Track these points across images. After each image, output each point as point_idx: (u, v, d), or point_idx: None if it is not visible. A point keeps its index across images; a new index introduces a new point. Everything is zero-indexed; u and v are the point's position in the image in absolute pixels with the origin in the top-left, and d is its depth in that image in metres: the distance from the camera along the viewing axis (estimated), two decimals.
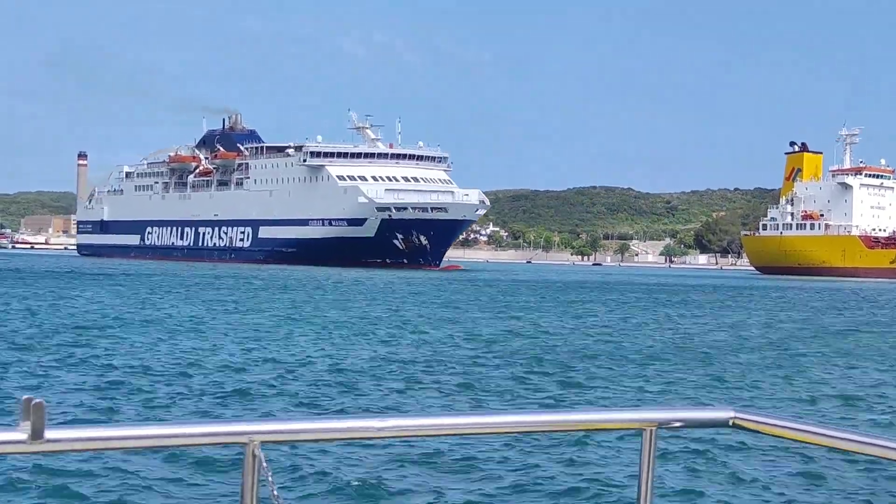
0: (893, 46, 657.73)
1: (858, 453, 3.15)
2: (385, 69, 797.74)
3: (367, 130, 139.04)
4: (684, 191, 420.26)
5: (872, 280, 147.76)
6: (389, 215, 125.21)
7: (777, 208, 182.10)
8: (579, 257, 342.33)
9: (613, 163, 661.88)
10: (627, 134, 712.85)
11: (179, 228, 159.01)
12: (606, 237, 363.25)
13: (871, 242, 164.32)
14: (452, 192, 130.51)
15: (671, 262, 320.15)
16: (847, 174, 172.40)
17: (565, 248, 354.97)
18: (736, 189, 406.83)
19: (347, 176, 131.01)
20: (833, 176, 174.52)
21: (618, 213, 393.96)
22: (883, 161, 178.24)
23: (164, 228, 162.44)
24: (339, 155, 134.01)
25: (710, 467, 14.39)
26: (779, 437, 3.27)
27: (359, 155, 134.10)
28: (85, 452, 8.29)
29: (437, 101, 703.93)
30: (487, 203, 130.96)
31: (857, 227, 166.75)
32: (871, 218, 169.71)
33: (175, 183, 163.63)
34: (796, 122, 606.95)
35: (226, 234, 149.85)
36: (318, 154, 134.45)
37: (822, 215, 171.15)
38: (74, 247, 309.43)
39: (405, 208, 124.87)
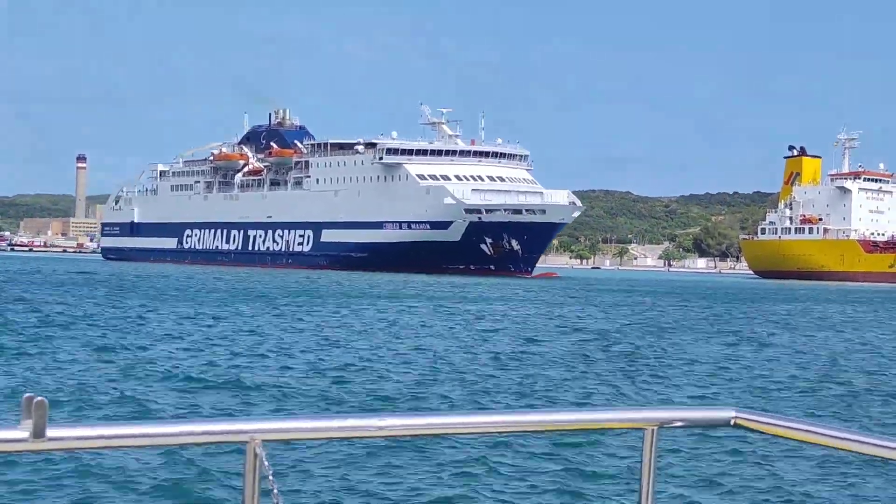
0: (893, 50, 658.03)
1: (860, 453, 3.15)
2: (385, 70, 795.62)
3: (444, 126, 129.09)
4: (683, 194, 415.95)
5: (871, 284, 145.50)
6: (479, 218, 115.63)
7: (776, 212, 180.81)
8: (578, 261, 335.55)
9: (612, 166, 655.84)
10: (626, 137, 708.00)
11: (225, 231, 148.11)
12: (605, 241, 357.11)
13: (870, 247, 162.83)
14: (541, 193, 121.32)
15: (670, 265, 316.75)
16: (846, 178, 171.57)
17: (564, 251, 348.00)
18: (735, 193, 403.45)
19: (429, 175, 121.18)
20: (832, 180, 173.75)
21: (617, 216, 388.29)
22: (882, 165, 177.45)
23: (207, 231, 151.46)
24: (418, 152, 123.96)
25: (712, 467, 14.34)
26: (780, 437, 3.29)
27: (439, 152, 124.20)
28: (86, 451, 7.90)
29: (437, 101, 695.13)
30: (579, 204, 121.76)
31: (855, 231, 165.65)
32: (869, 222, 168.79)
33: (219, 182, 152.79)
34: (795, 126, 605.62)
35: (281, 237, 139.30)
36: (394, 151, 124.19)
37: (820, 219, 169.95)
38: (73, 249, 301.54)
39: (497, 210, 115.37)
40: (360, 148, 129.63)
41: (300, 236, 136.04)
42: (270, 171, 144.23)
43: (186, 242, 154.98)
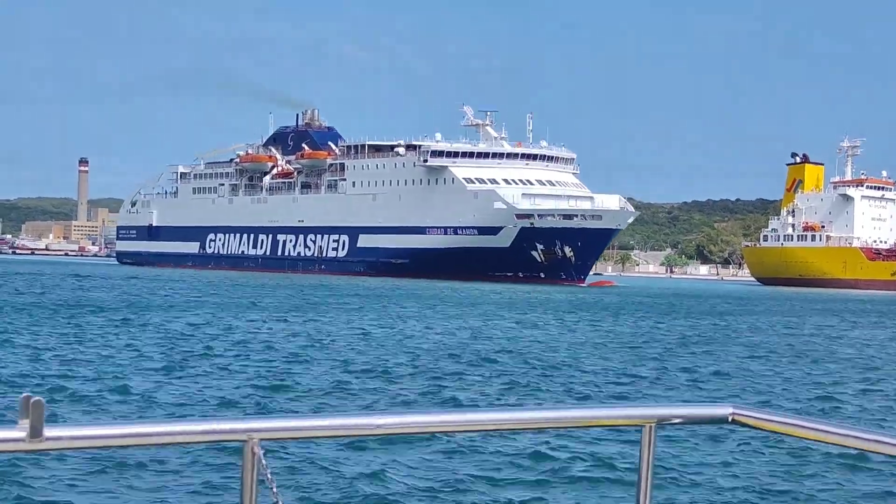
0: (895, 58, 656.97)
1: (857, 449, 3.20)
2: (388, 72, 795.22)
3: (488, 128, 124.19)
4: (686, 201, 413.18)
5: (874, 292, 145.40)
6: (531, 223, 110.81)
7: (778, 219, 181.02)
8: None
9: (615, 172, 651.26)
10: (629, 143, 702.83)
11: (253, 235, 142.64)
12: (607, 247, 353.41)
13: (872, 254, 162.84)
14: (592, 198, 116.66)
15: (672, 272, 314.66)
16: (848, 186, 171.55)
17: None
18: (738, 200, 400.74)
19: (476, 178, 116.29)
20: (834, 187, 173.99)
21: None
22: (884, 173, 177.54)
23: (233, 235, 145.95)
24: (464, 155, 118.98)
25: (710, 463, 14.34)
26: (778, 433, 3.34)
27: (486, 155, 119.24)
28: (84, 450, 7.87)
29: (438, 105, 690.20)
30: (632, 209, 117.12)
31: (858, 238, 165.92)
32: (872, 230, 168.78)
33: (245, 185, 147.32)
34: (798, 133, 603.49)
35: (313, 242, 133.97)
36: (439, 153, 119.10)
37: (823, 227, 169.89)
38: (75, 252, 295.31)
39: (550, 215, 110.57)
40: (401, 150, 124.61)
41: (335, 241, 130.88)
42: (301, 173, 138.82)
43: (210, 247, 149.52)
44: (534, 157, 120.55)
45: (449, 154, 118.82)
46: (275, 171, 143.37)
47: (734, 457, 14.76)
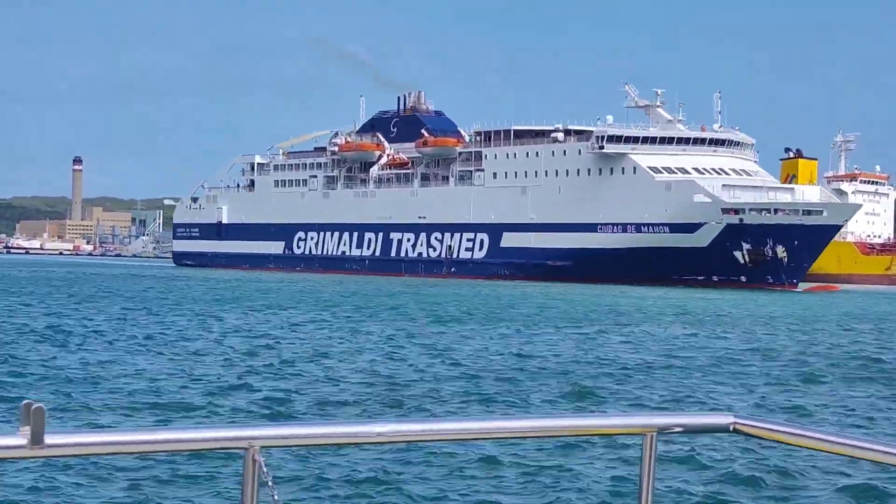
0: (889, 53, 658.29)
1: (858, 458, 3.21)
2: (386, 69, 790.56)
3: (659, 109, 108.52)
4: None
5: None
6: (741, 219, 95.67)
7: None
8: None
9: None
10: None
11: (357, 234, 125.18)
12: None
13: (867, 249, 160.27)
14: (792, 189, 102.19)
15: None
16: (842, 181, 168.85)
17: None
18: None
19: (663, 168, 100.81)
20: (828, 182, 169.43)
21: None
22: (878, 167, 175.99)
23: (329, 234, 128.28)
24: (644, 140, 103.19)
25: (711, 472, 14.17)
26: (779, 442, 3.38)
27: (670, 140, 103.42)
28: (84, 457, 7.70)
29: (441, 106, 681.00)
30: (837, 200, 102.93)
31: (852, 233, 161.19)
32: (865, 224, 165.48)
33: (344, 177, 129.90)
34: (792, 128, 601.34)
35: (439, 241, 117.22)
36: (617, 139, 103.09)
37: None
38: (69, 251, 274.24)
39: (763, 210, 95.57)
40: (559, 135, 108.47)
41: (469, 240, 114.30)
42: (421, 163, 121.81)
43: (299, 247, 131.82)
44: (722, 142, 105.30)
45: (628, 139, 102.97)
46: (382, 160, 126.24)
47: (735, 465, 14.39)
